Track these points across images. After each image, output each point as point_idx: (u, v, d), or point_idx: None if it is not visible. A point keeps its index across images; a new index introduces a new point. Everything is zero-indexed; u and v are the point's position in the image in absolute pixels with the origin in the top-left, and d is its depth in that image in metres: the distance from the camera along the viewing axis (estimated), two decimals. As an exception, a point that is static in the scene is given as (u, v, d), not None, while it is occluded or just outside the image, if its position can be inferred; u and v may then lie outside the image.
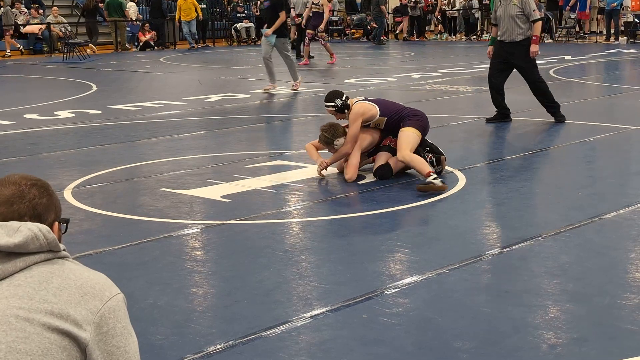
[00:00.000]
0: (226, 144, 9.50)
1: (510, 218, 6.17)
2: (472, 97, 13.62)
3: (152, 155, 8.81)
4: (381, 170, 7.33)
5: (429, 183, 6.80)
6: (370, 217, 6.24)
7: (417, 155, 7.14)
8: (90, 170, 8.01)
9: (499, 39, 10.38)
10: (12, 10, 25.46)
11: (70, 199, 6.79)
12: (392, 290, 4.59)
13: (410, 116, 7.38)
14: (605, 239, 5.56)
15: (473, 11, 30.36)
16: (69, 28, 24.97)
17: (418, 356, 3.79)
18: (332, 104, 7.46)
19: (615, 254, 5.27)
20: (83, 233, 5.84)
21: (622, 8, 25.68)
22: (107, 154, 8.94)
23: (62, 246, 2.07)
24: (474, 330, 4.04)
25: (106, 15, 26.08)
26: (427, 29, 31.59)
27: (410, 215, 6.46)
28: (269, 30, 14.05)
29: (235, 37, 29.34)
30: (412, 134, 7.23)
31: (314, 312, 4.29)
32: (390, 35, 32.02)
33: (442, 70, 17.89)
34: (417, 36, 30.45)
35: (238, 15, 29.61)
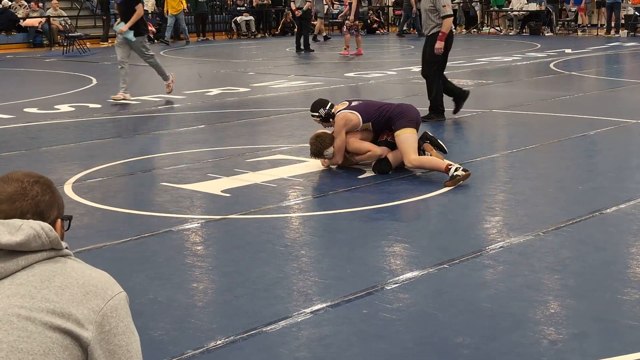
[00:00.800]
0: (226, 138, 9.49)
1: (510, 213, 6.17)
2: (472, 91, 13.57)
3: (152, 150, 8.81)
4: (380, 165, 7.33)
5: (454, 177, 6.81)
6: (370, 212, 6.23)
7: (424, 157, 7.18)
8: (91, 164, 8.01)
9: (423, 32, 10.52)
10: (12, 3, 25.42)
11: (71, 194, 6.79)
12: (393, 286, 4.59)
13: (398, 115, 7.27)
14: (606, 234, 5.56)
15: (473, 4, 30.32)
16: (68, 21, 24.93)
17: (418, 352, 3.79)
18: (317, 113, 7.64)
19: (616, 249, 5.27)
20: (83, 228, 5.84)
21: (622, 1, 25.64)
22: (107, 148, 8.94)
23: (64, 244, 2.06)
24: (475, 325, 4.04)
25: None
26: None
27: (411, 210, 6.46)
28: (125, 26, 12.32)
29: (235, 31, 29.30)
30: (409, 135, 7.16)
31: (315, 308, 4.29)
32: (391, 28, 31.97)
33: (442, 63, 17.83)
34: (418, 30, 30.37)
35: (238, 8, 29.56)
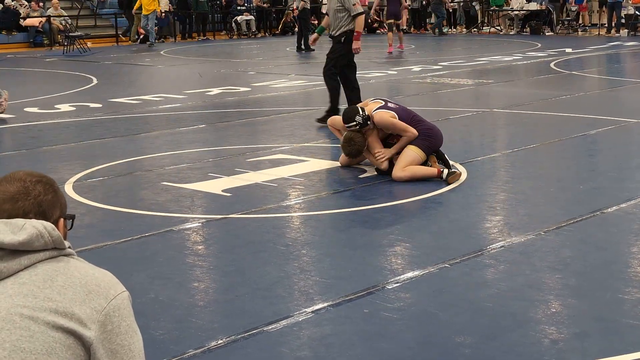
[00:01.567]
0: (227, 138, 9.49)
1: (511, 212, 6.17)
2: (472, 90, 13.61)
3: (153, 149, 8.81)
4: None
5: (452, 173, 6.91)
6: (371, 212, 6.23)
7: (411, 167, 7.02)
8: (91, 163, 8.01)
9: (330, 32, 10.18)
10: (13, 3, 25.43)
11: (71, 193, 6.79)
12: (394, 285, 4.59)
13: (421, 134, 7.16)
14: (606, 233, 5.56)
15: (474, 4, 30.30)
16: (69, 21, 24.93)
17: (419, 351, 3.79)
18: (354, 122, 7.22)
19: (617, 248, 5.27)
20: (84, 227, 5.84)
21: (623, 0, 25.63)
22: (108, 147, 8.94)
23: (67, 243, 2.05)
24: (476, 325, 4.04)
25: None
26: (427, 21, 31.51)
27: (412, 210, 6.46)
28: None
29: (235, 30, 29.30)
30: (418, 156, 7.08)
31: (316, 307, 4.29)
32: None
33: (442, 63, 17.87)
34: (418, 29, 30.38)
35: (238, 8, 29.56)
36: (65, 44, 23.14)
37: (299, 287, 4.63)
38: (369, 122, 7.24)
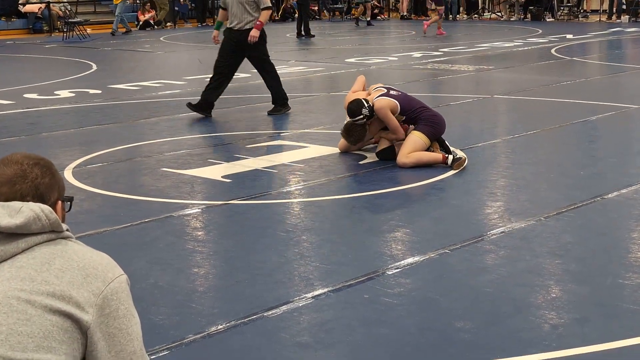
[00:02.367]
0: (226, 124, 9.47)
1: (512, 198, 6.16)
2: (473, 76, 13.57)
3: (153, 135, 8.79)
4: (384, 153, 7.29)
5: (458, 159, 6.90)
6: (371, 197, 6.22)
7: (416, 153, 7.01)
8: (91, 150, 7.99)
9: (229, 26, 9.69)
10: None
11: (71, 179, 6.78)
12: (394, 271, 4.58)
13: (426, 120, 7.17)
14: (607, 219, 5.55)
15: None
16: (68, 7, 24.85)
17: (419, 336, 3.78)
18: (361, 116, 7.17)
19: (617, 233, 5.26)
20: (83, 213, 5.83)
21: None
22: (108, 133, 8.92)
23: (65, 226, 2.04)
24: (476, 310, 4.03)
25: None
26: (428, 7, 31.40)
27: (412, 196, 6.45)
28: None
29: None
30: (422, 142, 7.07)
31: (316, 293, 4.29)
32: (392, 13, 31.88)
33: (443, 49, 17.82)
34: (418, 15, 30.29)
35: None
36: (65, 30, 23.08)
37: (299, 272, 4.62)
38: (374, 113, 7.21)
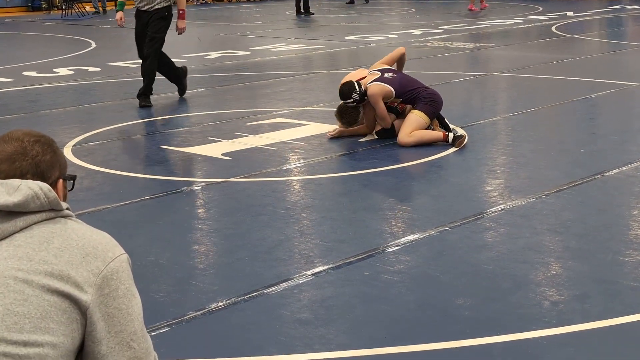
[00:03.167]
0: (226, 102, 9.44)
1: (512, 175, 6.15)
2: (473, 54, 13.53)
3: (152, 113, 8.77)
4: (384, 132, 7.27)
5: (459, 137, 6.89)
6: (371, 175, 6.21)
7: (418, 132, 6.98)
8: (90, 127, 7.97)
9: (137, 6, 9.14)
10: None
11: (71, 157, 6.77)
12: (394, 248, 4.58)
13: (425, 99, 7.13)
14: (607, 196, 5.54)
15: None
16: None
17: (419, 313, 3.79)
18: (351, 99, 7.16)
19: (617, 210, 5.26)
20: (83, 191, 5.82)
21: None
22: (107, 111, 8.90)
23: (65, 205, 1.99)
24: (476, 287, 4.03)
25: None
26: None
27: (412, 173, 6.44)
28: None
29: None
30: (423, 120, 7.05)
31: (316, 270, 4.29)
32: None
33: (443, 26, 17.75)
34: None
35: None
36: (64, 7, 22.98)
37: (299, 250, 4.62)
38: (365, 97, 7.17)
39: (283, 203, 5.52)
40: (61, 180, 2.08)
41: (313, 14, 21.82)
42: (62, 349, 1.86)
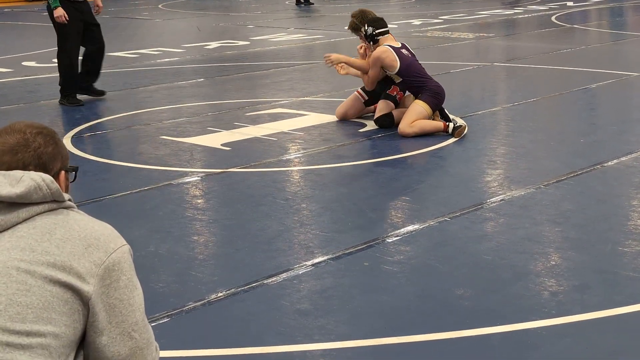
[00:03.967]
0: (226, 92, 9.44)
1: (511, 166, 6.15)
2: (473, 44, 13.51)
3: (152, 103, 8.76)
4: (382, 119, 7.28)
5: (458, 127, 6.90)
6: (371, 165, 6.22)
7: (419, 122, 6.98)
8: (90, 118, 7.97)
9: None
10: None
11: (70, 147, 6.77)
12: (394, 238, 4.59)
13: (430, 91, 7.14)
14: (607, 187, 5.55)
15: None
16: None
17: (419, 304, 3.79)
18: (363, 28, 7.45)
19: (617, 201, 5.26)
20: (82, 181, 5.82)
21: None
22: (106, 101, 8.89)
23: (67, 196, 2.01)
24: (476, 277, 4.04)
25: None
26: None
27: (411, 164, 6.44)
28: None
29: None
30: (425, 111, 7.05)
31: (316, 260, 4.30)
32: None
33: (443, 16, 17.72)
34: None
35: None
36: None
37: (299, 240, 4.63)
38: (371, 43, 7.40)
39: (283, 193, 5.53)
40: (63, 171, 2.10)
41: (313, 3, 21.79)
42: (64, 339, 1.87)
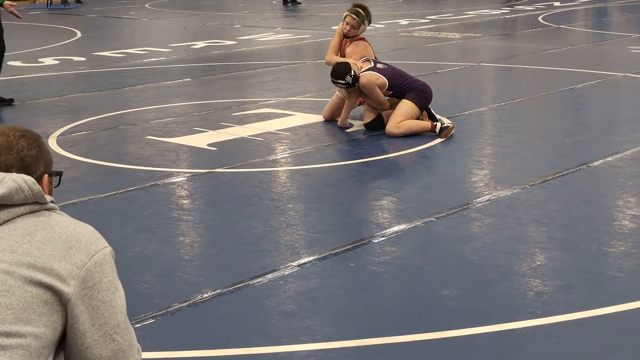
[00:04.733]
0: (212, 92, 9.42)
1: (498, 166, 6.16)
2: (460, 44, 13.53)
3: (138, 103, 8.73)
4: (373, 124, 7.25)
5: (445, 128, 6.88)
6: (358, 166, 6.21)
7: (406, 122, 6.97)
8: (75, 118, 7.94)
9: None
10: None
11: (55, 147, 6.74)
12: (380, 239, 4.58)
13: (416, 90, 7.14)
14: (592, 187, 5.56)
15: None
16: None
17: (405, 304, 3.79)
18: (344, 81, 7.18)
19: (602, 201, 5.28)
20: (68, 181, 5.79)
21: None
22: (92, 101, 8.85)
23: (49, 198, 2.01)
24: (461, 277, 4.04)
25: None
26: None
27: (398, 164, 6.45)
28: None
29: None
30: (412, 111, 7.05)
31: (302, 261, 4.29)
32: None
33: (430, 16, 17.74)
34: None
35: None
36: (49, -4, 22.81)
37: (285, 241, 4.62)
38: (356, 83, 7.18)
39: (269, 194, 5.52)
40: (46, 175, 2.10)
41: (300, 3, 21.78)
42: (44, 339, 1.87)
